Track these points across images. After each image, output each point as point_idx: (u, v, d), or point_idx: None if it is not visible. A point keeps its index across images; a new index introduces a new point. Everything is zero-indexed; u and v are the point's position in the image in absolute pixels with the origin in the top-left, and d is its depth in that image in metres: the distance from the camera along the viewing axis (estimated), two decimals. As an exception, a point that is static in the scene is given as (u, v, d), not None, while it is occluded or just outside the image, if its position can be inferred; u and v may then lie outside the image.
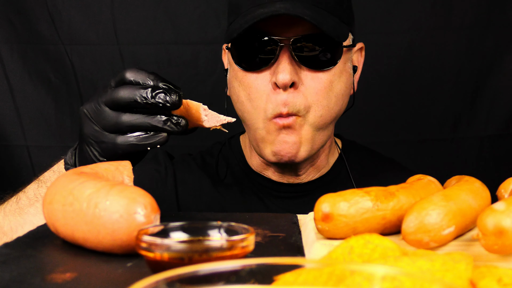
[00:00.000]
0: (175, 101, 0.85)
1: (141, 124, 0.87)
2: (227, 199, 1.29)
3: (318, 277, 0.47)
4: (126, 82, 0.88)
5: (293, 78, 1.10)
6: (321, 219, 0.74)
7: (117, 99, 0.87)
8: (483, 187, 0.81)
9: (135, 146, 0.88)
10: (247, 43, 1.14)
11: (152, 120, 0.87)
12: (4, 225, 1.03)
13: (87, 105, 0.91)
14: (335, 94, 1.16)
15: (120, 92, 0.86)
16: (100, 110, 0.88)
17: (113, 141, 0.88)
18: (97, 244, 0.71)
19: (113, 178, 0.81)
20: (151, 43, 1.84)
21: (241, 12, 1.14)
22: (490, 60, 1.86)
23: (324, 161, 1.28)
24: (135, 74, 0.88)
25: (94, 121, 0.89)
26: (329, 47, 1.13)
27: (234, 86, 1.20)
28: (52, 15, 1.81)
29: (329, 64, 1.14)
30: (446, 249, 0.71)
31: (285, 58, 1.11)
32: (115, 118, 0.87)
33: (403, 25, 1.85)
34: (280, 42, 1.11)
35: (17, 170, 1.84)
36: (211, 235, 0.67)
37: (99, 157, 0.90)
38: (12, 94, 1.83)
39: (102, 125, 0.89)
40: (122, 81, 0.88)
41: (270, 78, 1.13)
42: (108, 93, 0.88)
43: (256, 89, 1.14)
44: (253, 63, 1.14)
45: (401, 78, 1.87)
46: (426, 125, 1.89)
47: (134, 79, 0.88)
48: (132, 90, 0.86)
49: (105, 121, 0.88)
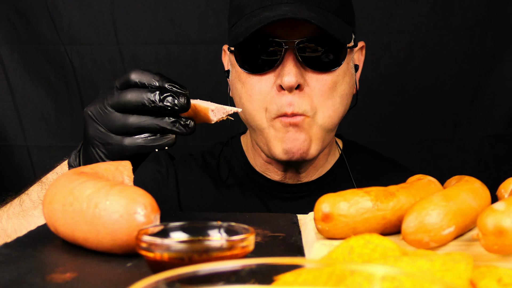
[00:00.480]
0: (183, 104, 0.85)
1: (149, 126, 0.86)
2: (228, 199, 1.29)
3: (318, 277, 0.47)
4: (132, 84, 0.87)
5: (298, 80, 1.11)
6: (321, 219, 0.74)
7: (125, 102, 0.86)
8: (483, 187, 0.81)
9: (143, 147, 0.87)
10: (251, 46, 1.14)
11: (160, 122, 0.86)
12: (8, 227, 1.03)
13: (91, 107, 0.90)
14: (339, 94, 1.16)
15: (128, 95, 0.86)
16: (106, 112, 0.88)
17: (120, 142, 0.88)
18: (97, 244, 0.71)
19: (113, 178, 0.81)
20: (151, 43, 1.84)
21: (245, 14, 1.14)
22: (490, 60, 1.86)
23: (322, 160, 1.28)
24: (140, 76, 0.87)
25: (100, 123, 0.89)
26: (333, 48, 1.14)
27: (237, 88, 1.19)
28: (52, 15, 1.81)
29: (334, 66, 1.14)
30: (446, 249, 0.71)
31: (290, 60, 1.11)
32: (123, 120, 0.87)
33: (403, 25, 1.85)
34: (285, 45, 1.11)
35: (17, 170, 1.84)
36: (211, 235, 0.67)
37: (105, 159, 0.90)
38: (12, 94, 1.83)
39: (108, 127, 0.88)
40: (127, 83, 0.88)
41: (275, 80, 1.13)
42: (114, 96, 0.88)
43: (259, 91, 1.14)
44: (257, 66, 1.14)
45: (401, 78, 1.87)
46: (426, 125, 1.89)
47: (140, 81, 0.87)
48: (139, 93, 0.85)
49: (111, 123, 0.88)
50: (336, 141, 1.34)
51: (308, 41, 1.11)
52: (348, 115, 1.27)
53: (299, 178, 1.27)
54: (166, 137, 0.87)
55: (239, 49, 1.16)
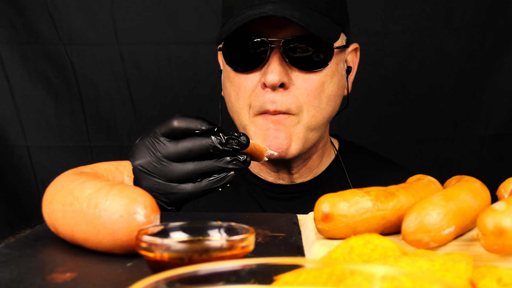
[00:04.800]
0: (245, 144, 0.90)
1: (212, 169, 0.91)
2: (223, 200, 1.29)
3: (318, 277, 0.47)
4: (179, 132, 0.91)
5: (282, 79, 1.11)
6: (321, 219, 0.74)
7: (186, 152, 0.90)
8: (483, 187, 0.80)
9: (209, 190, 0.92)
10: (238, 44, 1.15)
11: (221, 164, 0.91)
12: None
13: (138, 161, 0.92)
14: (326, 95, 1.16)
15: (187, 144, 0.90)
16: (163, 164, 0.91)
17: (185, 190, 0.92)
18: (97, 244, 0.71)
19: (113, 178, 0.81)
20: (151, 43, 1.84)
21: (234, 14, 1.15)
22: (490, 60, 1.86)
23: (316, 161, 1.27)
24: (184, 122, 0.90)
25: (156, 175, 0.92)
26: (320, 48, 1.14)
27: (226, 87, 1.21)
28: (52, 15, 1.81)
29: (320, 65, 1.14)
30: (446, 249, 0.71)
31: (275, 59, 1.12)
32: (184, 169, 0.91)
33: (403, 25, 1.85)
34: (270, 44, 1.11)
35: (17, 170, 1.84)
36: (211, 235, 0.67)
37: (167, 207, 0.94)
38: (12, 94, 1.83)
39: (167, 178, 0.91)
40: (173, 132, 0.91)
41: (260, 79, 1.14)
42: (169, 147, 0.91)
43: (245, 89, 1.15)
44: (244, 64, 1.15)
45: (401, 78, 1.87)
46: (426, 125, 1.89)
47: (186, 127, 0.90)
48: (200, 141, 0.90)
49: (171, 174, 0.91)
50: (332, 141, 1.34)
51: (294, 40, 1.11)
52: (348, 115, 1.27)
53: (292, 179, 1.27)
54: (228, 176, 0.92)
55: (227, 47, 1.17)
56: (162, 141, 0.91)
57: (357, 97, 1.27)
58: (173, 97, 1.85)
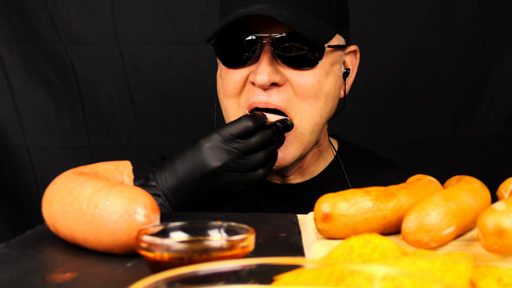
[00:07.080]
0: (291, 125, 1.14)
1: (274, 150, 1.11)
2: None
3: (318, 277, 0.47)
4: (251, 130, 1.06)
5: (272, 79, 1.11)
6: (321, 219, 0.74)
7: (260, 145, 1.07)
8: (483, 187, 0.80)
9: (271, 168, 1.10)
10: (228, 41, 1.16)
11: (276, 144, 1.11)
12: None
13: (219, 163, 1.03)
14: (323, 94, 1.16)
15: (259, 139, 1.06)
16: (245, 160, 1.05)
17: (260, 175, 1.07)
18: (97, 244, 0.71)
19: (113, 178, 0.81)
20: (151, 43, 1.84)
21: (228, 13, 1.16)
22: (490, 60, 1.86)
23: (311, 161, 1.26)
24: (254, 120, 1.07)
25: (237, 170, 1.05)
26: (310, 47, 1.13)
27: (218, 85, 1.22)
28: (52, 15, 1.81)
29: (310, 64, 1.14)
30: (446, 249, 0.71)
31: (266, 58, 1.12)
32: (259, 158, 1.06)
33: (403, 25, 1.85)
34: (260, 39, 1.12)
35: (17, 170, 1.84)
36: (211, 235, 0.67)
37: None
38: (12, 94, 1.83)
39: (246, 169, 1.05)
40: (245, 131, 1.05)
41: (249, 76, 1.14)
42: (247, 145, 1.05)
43: (233, 85, 1.16)
44: (234, 60, 1.16)
45: (401, 78, 1.87)
46: (426, 125, 1.89)
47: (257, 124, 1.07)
48: (266, 134, 1.07)
49: (250, 165, 1.05)
50: (331, 141, 1.33)
51: (283, 38, 1.11)
52: (348, 115, 1.27)
53: (286, 181, 1.27)
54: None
55: (219, 43, 1.18)
56: (239, 141, 1.04)
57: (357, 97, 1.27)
58: (173, 97, 1.85)
